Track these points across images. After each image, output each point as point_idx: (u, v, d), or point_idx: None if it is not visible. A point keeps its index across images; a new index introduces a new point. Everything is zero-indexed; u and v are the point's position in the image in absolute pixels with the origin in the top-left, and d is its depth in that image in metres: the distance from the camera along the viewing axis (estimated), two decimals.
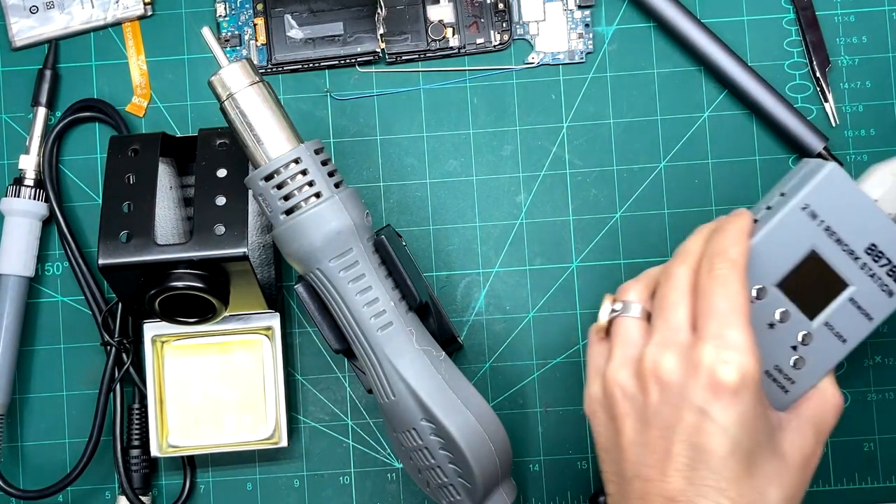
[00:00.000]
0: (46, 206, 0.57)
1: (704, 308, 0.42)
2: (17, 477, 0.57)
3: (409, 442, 0.49)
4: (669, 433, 0.42)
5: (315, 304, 0.50)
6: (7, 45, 0.58)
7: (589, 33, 0.58)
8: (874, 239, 0.46)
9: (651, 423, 0.42)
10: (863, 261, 0.46)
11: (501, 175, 0.58)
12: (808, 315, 0.47)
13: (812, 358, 0.47)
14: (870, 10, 0.58)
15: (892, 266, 0.46)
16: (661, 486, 0.41)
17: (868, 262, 0.46)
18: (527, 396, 0.57)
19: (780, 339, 0.47)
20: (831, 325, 0.47)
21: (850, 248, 0.46)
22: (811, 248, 0.46)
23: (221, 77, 0.47)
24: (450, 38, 0.58)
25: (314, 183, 0.47)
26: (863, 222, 0.46)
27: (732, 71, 0.56)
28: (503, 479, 0.51)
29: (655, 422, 0.42)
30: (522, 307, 0.57)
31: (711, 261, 0.43)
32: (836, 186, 0.46)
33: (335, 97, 0.58)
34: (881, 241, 0.46)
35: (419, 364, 0.48)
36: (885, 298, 0.47)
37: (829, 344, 0.47)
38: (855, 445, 0.57)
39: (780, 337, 0.47)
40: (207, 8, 0.58)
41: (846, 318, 0.47)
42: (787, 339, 0.47)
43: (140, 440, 0.56)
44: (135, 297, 0.52)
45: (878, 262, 0.46)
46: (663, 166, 0.58)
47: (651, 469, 0.42)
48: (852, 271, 0.46)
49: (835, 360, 0.47)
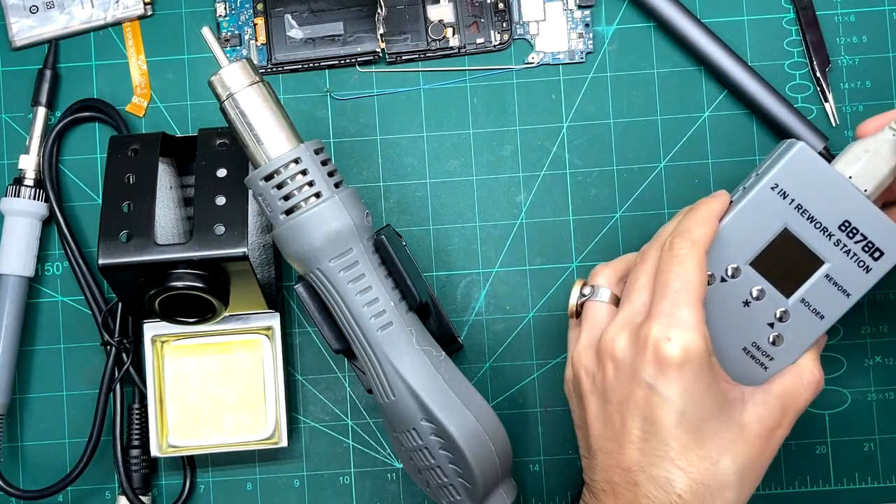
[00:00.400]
0: (46, 206, 0.57)
1: (660, 285, 0.45)
2: (17, 477, 0.57)
3: (409, 442, 0.49)
4: (623, 408, 0.45)
5: (315, 304, 0.50)
6: (7, 45, 0.58)
7: (589, 33, 0.58)
8: (848, 216, 0.47)
9: (609, 400, 0.45)
10: (837, 237, 0.47)
11: (501, 175, 0.58)
12: (783, 293, 0.48)
13: (790, 335, 0.48)
14: (870, 10, 0.58)
15: (868, 242, 0.47)
16: (619, 458, 0.45)
17: (843, 238, 0.47)
18: (527, 396, 0.57)
19: (756, 316, 0.48)
20: (808, 303, 0.48)
21: (824, 225, 0.47)
22: (783, 227, 0.47)
23: (221, 77, 0.47)
24: (450, 38, 0.58)
25: (314, 183, 0.47)
26: (835, 199, 0.47)
27: (732, 71, 0.56)
28: (503, 479, 0.51)
29: (612, 398, 0.45)
30: (522, 307, 0.57)
31: (673, 240, 0.45)
32: (805, 165, 0.47)
33: (335, 97, 0.58)
34: (855, 218, 0.47)
35: (419, 364, 0.48)
36: (862, 275, 0.47)
37: (807, 321, 0.48)
38: (855, 445, 0.57)
39: (755, 314, 0.48)
40: (207, 8, 0.58)
41: (823, 295, 0.47)
42: (763, 316, 0.48)
43: (140, 440, 0.56)
44: (135, 297, 0.52)
45: (852, 238, 0.47)
46: (663, 166, 0.58)
47: (610, 442, 0.45)
48: (827, 248, 0.47)
49: (813, 337, 0.48)
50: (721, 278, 0.48)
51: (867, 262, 0.47)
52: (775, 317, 0.48)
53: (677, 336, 0.43)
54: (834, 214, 0.47)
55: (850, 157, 0.48)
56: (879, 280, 0.47)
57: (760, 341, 0.48)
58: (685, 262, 0.45)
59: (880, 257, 0.47)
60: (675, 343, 0.43)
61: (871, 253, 0.47)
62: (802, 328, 0.48)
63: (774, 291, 0.48)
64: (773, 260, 0.47)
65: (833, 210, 0.47)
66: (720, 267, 0.48)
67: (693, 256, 0.45)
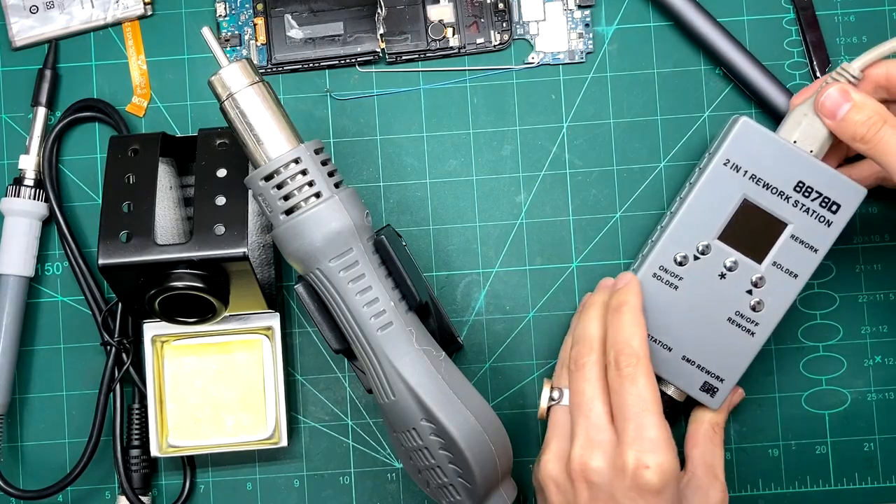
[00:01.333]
0: (46, 206, 0.57)
1: (619, 407, 0.47)
2: (17, 477, 0.57)
3: (409, 442, 0.49)
4: None
5: (315, 304, 0.50)
6: (7, 45, 0.58)
7: (589, 33, 0.58)
8: (800, 176, 0.49)
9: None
10: (794, 199, 0.50)
11: (501, 175, 0.58)
12: (755, 259, 0.50)
13: (769, 298, 0.50)
14: (870, 10, 0.58)
15: (824, 198, 0.49)
16: None
17: (800, 199, 0.50)
18: (527, 396, 0.57)
19: (734, 286, 0.50)
20: (780, 265, 0.50)
21: (780, 189, 0.50)
22: (743, 198, 0.50)
23: (221, 77, 0.47)
24: (450, 38, 0.58)
25: (314, 183, 0.47)
26: (786, 164, 0.49)
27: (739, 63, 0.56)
28: (503, 479, 0.51)
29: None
30: (522, 307, 0.57)
31: (618, 359, 0.47)
32: (752, 137, 0.50)
33: (335, 97, 0.58)
34: (808, 177, 0.49)
35: (419, 364, 0.48)
36: (824, 229, 0.50)
37: (783, 282, 0.50)
38: (855, 445, 0.57)
39: (733, 285, 0.50)
40: (207, 8, 0.58)
41: (792, 255, 0.50)
42: (740, 285, 0.50)
43: (140, 440, 0.56)
44: (135, 297, 0.52)
45: (808, 196, 0.50)
46: (663, 166, 0.58)
47: None
48: (787, 210, 0.50)
49: (791, 296, 0.50)
50: (694, 257, 0.50)
51: (827, 216, 0.50)
52: (752, 283, 0.50)
53: (653, 461, 0.45)
54: (787, 178, 0.49)
55: (791, 123, 0.50)
56: (841, 232, 0.50)
57: (743, 309, 0.51)
58: (637, 380, 0.47)
59: (838, 210, 0.50)
60: (652, 470, 0.45)
61: (828, 207, 0.50)
62: (779, 289, 0.50)
63: (746, 260, 0.50)
64: (739, 231, 0.50)
65: (785, 174, 0.49)
66: (691, 246, 0.50)
67: (642, 372, 0.47)
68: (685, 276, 0.51)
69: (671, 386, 0.52)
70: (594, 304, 0.51)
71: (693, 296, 0.51)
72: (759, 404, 0.57)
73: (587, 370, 0.49)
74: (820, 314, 0.57)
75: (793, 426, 0.57)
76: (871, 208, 0.57)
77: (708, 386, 0.52)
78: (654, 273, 0.51)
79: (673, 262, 0.51)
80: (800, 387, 0.57)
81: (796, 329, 0.57)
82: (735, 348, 0.51)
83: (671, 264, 0.51)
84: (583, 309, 0.52)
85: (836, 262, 0.57)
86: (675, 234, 0.51)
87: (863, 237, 0.57)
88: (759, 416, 0.57)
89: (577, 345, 0.50)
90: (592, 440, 0.47)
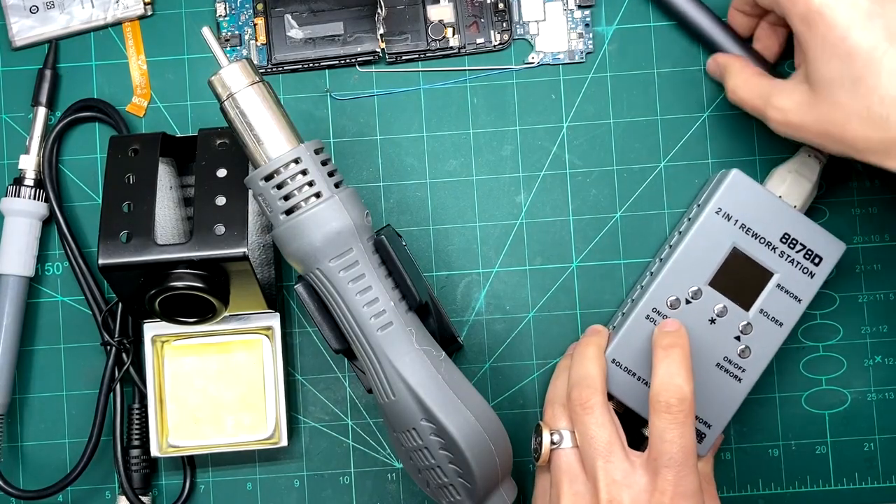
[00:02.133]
0: (46, 206, 0.57)
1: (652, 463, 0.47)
2: (17, 477, 0.57)
3: (409, 442, 0.49)
4: None
5: (315, 304, 0.50)
6: (7, 45, 0.58)
7: (589, 33, 0.58)
8: (786, 229, 0.52)
9: None
10: (780, 249, 0.52)
11: (501, 175, 0.58)
12: (743, 306, 0.52)
13: (756, 345, 0.52)
14: None
15: (808, 250, 0.52)
16: None
17: (785, 250, 0.52)
18: (527, 396, 0.57)
19: (723, 332, 0.52)
20: (766, 312, 0.52)
21: (767, 239, 0.52)
22: (732, 246, 0.52)
23: (221, 77, 0.47)
24: (450, 38, 0.58)
25: (314, 183, 0.47)
26: (773, 216, 0.52)
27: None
28: (503, 479, 0.51)
29: None
30: (522, 307, 0.57)
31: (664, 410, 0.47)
32: (742, 188, 0.52)
33: (335, 97, 0.58)
34: (792, 230, 0.52)
35: (419, 364, 0.48)
36: (808, 280, 0.52)
37: (768, 330, 0.52)
38: (855, 445, 0.57)
39: (722, 330, 0.52)
40: (207, 8, 0.58)
41: (778, 304, 0.52)
42: (729, 331, 0.52)
43: (140, 440, 0.56)
44: (135, 297, 0.52)
45: (793, 248, 0.52)
46: (663, 166, 0.58)
47: None
48: (773, 260, 0.52)
49: (776, 344, 0.52)
50: (686, 300, 0.52)
51: (810, 268, 0.52)
52: (739, 330, 0.52)
53: None
54: (774, 229, 0.52)
55: (776, 178, 0.54)
56: (823, 284, 0.52)
57: (731, 355, 0.52)
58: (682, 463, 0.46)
59: (820, 262, 0.52)
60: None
61: (811, 259, 0.52)
62: (765, 337, 0.52)
63: (735, 307, 0.52)
64: (728, 278, 0.52)
65: (773, 225, 0.52)
66: (683, 290, 0.52)
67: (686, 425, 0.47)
68: (678, 320, 0.51)
69: None
70: (589, 344, 0.51)
71: None
72: (760, 404, 0.57)
73: (597, 413, 0.48)
74: (820, 314, 0.57)
75: (793, 426, 0.57)
76: (872, 208, 0.57)
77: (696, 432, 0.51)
78: (647, 315, 0.52)
79: (665, 305, 0.52)
80: (800, 387, 0.57)
81: (796, 329, 0.57)
82: (723, 394, 0.52)
83: (664, 307, 0.52)
84: (575, 352, 0.52)
85: (836, 262, 0.57)
86: (669, 277, 0.52)
87: (863, 237, 0.57)
88: (760, 416, 0.57)
89: (576, 387, 0.49)
90: (619, 482, 0.47)
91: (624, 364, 0.52)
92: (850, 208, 0.57)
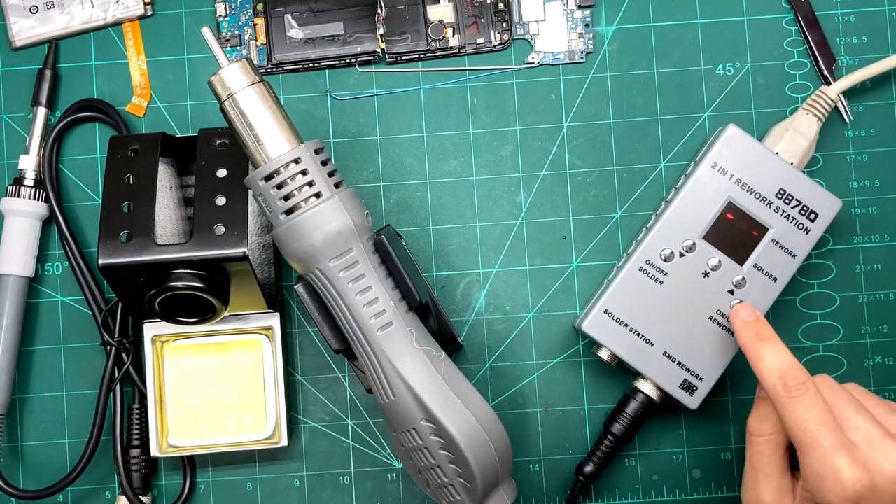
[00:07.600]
0: (46, 206, 0.57)
1: None
2: (17, 477, 0.57)
3: (409, 442, 0.49)
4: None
5: (315, 304, 0.50)
6: (7, 45, 0.58)
7: (589, 33, 0.58)
8: (782, 184, 0.52)
9: None
10: (776, 205, 0.52)
11: (501, 175, 0.58)
12: (737, 261, 0.52)
13: (749, 299, 0.52)
14: (870, 10, 0.58)
15: (804, 206, 0.52)
16: None
17: (781, 205, 0.52)
18: (527, 396, 0.57)
19: (717, 285, 0.52)
20: (760, 267, 0.52)
21: (763, 194, 0.52)
22: (728, 200, 0.52)
23: (221, 77, 0.47)
24: (450, 38, 0.58)
25: (314, 183, 0.47)
26: (769, 172, 0.52)
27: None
28: (503, 479, 0.51)
29: None
30: (522, 307, 0.57)
31: None
32: (739, 143, 0.52)
33: (335, 97, 0.58)
34: (788, 185, 0.52)
35: (419, 364, 0.48)
36: (803, 236, 0.52)
37: (762, 284, 0.52)
38: None
39: (716, 284, 0.52)
40: (207, 8, 0.58)
41: (772, 259, 0.52)
42: (722, 285, 0.52)
43: (140, 440, 0.56)
44: (135, 297, 0.52)
45: (789, 203, 0.52)
46: (663, 166, 0.58)
47: None
48: (769, 215, 0.52)
49: (770, 299, 0.52)
50: (680, 254, 0.52)
51: (805, 223, 0.52)
52: (734, 284, 0.52)
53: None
54: (770, 184, 0.52)
55: (774, 135, 0.54)
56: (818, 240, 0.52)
57: (724, 308, 0.52)
58: None
59: (816, 218, 0.52)
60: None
61: (807, 215, 0.52)
62: (759, 292, 0.52)
63: (729, 261, 0.52)
64: (723, 232, 0.52)
65: (769, 181, 0.52)
66: (678, 243, 0.52)
67: None
68: (670, 272, 0.52)
69: (648, 384, 0.53)
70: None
71: (677, 292, 0.52)
72: None
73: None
74: (820, 314, 0.57)
75: None
76: (871, 208, 0.57)
77: (687, 384, 0.53)
78: (641, 267, 0.52)
79: (659, 258, 0.52)
80: None
81: (796, 329, 0.57)
82: (715, 347, 0.52)
83: (657, 259, 0.52)
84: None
85: (836, 262, 0.57)
86: (664, 229, 0.52)
87: (863, 237, 0.57)
88: None
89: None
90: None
91: (616, 315, 0.52)
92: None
